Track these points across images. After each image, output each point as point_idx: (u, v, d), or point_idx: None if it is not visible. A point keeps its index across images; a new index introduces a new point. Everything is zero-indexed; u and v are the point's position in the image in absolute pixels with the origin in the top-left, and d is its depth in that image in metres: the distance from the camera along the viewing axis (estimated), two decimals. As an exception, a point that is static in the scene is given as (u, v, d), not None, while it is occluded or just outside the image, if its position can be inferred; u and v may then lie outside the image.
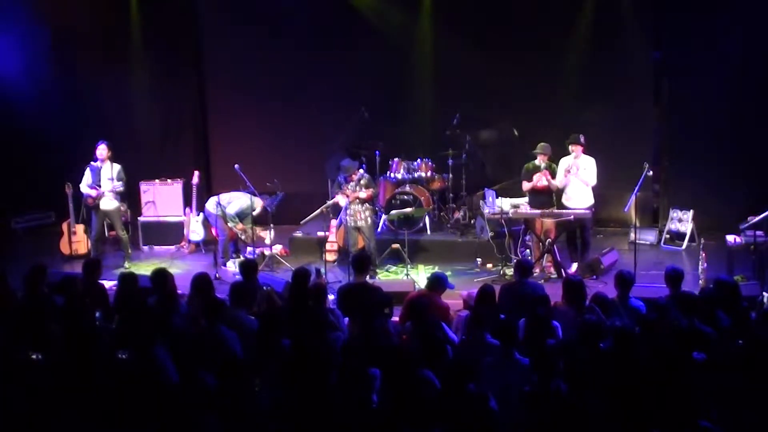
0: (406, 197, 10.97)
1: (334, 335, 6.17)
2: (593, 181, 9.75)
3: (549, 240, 9.74)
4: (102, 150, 10.29)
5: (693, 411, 4.85)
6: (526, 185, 9.99)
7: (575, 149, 9.70)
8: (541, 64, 11.63)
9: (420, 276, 9.95)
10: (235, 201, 10.42)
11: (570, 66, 11.58)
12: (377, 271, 10.04)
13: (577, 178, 9.72)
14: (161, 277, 7.20)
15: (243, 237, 10.57)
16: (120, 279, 7.38)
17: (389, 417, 4.89)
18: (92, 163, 10.36)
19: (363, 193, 9.81)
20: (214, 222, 10.57)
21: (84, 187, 10.38)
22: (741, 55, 10.96)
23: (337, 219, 10.52)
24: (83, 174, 10.37)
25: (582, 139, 9.72)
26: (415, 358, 5.33)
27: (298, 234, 11.30)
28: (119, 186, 10.35)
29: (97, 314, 6.93)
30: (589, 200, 9.83)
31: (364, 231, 9.97)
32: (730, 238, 9.51)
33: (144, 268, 9.73)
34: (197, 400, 4.92)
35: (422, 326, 6.20)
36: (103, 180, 10.32)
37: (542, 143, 9.95)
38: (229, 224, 10.45)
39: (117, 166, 10.37)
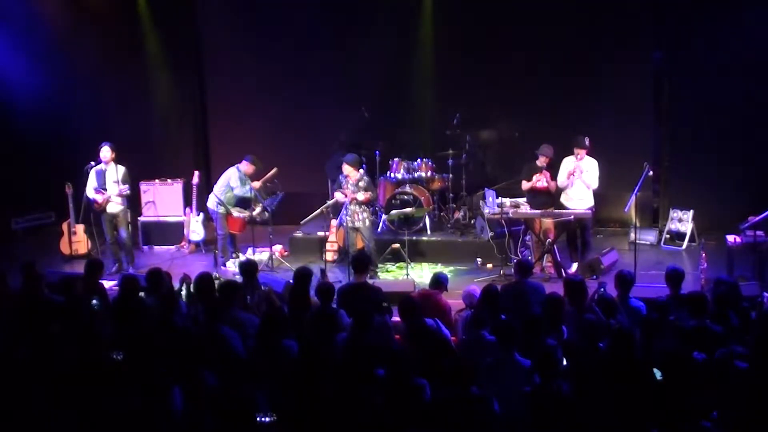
0: (406, 197, 10.97)
1: (338, 336, 6.19)
2: (595, 184, 9.75)
3: (549, 240, 9.74)
4: (106, 152, 10.09)
5: (694, 411, 4.85)
6: (525, 185, 10.00)
7: (580, 151, 9.68)
8: (541, 64, 11.63)
9: (424, 272, 10.10)
10: (227, 193, 10.43)
11: (570, 66, 11.58)
12: (377, 271, 10.07)
13: (580, 179, 9.72)
14: (156, 277, 7.21)
15: (260, 219, 10.60)
16: (121, 280, 7.37)
17: (392, 418, 4.89)
18: (96, 165, 10.16)
19: (361, 196, 9.81)
20: (215, 219, 10.60)
21: (90, 191, 10.17)
22: (741, 55, 10.95)
23: (337, 219, 10.52)
24: (87, 177, 10.17)
25: (587, 142, 9.71)
26: (409, 358, 5.32)
27: (298, 234, 11.31)
28: (126, 189, 10.20)
29: (94, 301, 6.96)
30: (589, 202, 9.83)
31: (362, 232, 9.97)
32: (730, 238, 9.51)
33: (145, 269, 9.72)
34: (198, 400, 4.93)
35: (414, 325, 6.22)
36: (108, 183, 10.14)
37: (546, 144, 9.95)
38: (235, 214, 10.48)
39: (122, 168, 10.21)
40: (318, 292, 6.88)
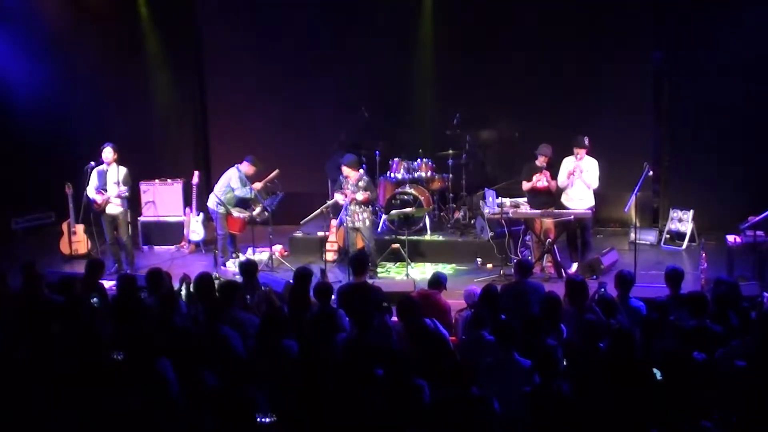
0: (406, 197, 10.97)
1: (338, 336, 6.19)
2: (595, 183, 9.75)
3: (549, 240, 9.74)
4: (108, 152, 10.02)
5: (694, 411, 4.85)
6: (525, 185, 10.00)
7: (579, 151, 9.69)
8: (541, 64, 11.63)
9: (426, 269, 10.19)
10: (227, 194, 10.43)
11: (570, 66, 11.59)
12: (377, 271, 10.07)
13: (580, 179, 9.72)
14: (156, 276, 7.20)
15: (260, 219, 10.60)
16: (119, 280, 7.37)
17: (391, 418, 4.89)
18: (98, 166, 10.10)
19: (360, 196, 9.81)
20: (215, 219, 10.60)
21: (91, 191, 10.10)
22: (741, 55, 10.95)
23: (337, 219, 10.53)
24: (87, 177, 10.12)
25: (586, 142, 9.71)
26: (409, 358, 5.32)
27: (298, 234, 11.31)
28: (125, 191, 10.13)
29: (95, 300, 6.96)
30: (589, 201, 9.83)
31: (362, 232, 9.98)
32: (730, 238, 9.51)
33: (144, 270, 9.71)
34: (198, 400, 4.92)
35: (413, 325, 6.22)
36: (108, 184, 10.08)
37: (544, 144, 9.95)
38: (235, 214, 10.48)
39: (123, 170, 10.13)
40: (316, 292, 6.88)
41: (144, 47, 12.49)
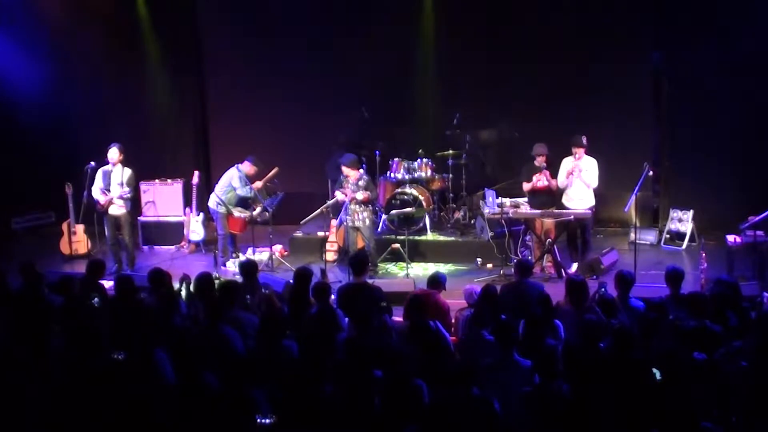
0: (406, 197, 10.96)
1: (337, 335, 6.19)
2: (595, 182, 9.76)
3: (549, 240, 9.74)
4: (113, 153, 10.01)
5: (694, 411, 4.86)
6: (526, 186, 10.00)
7: (578, 151, 9.70)
8: (541, 64, 11.63)
9: (428, 266, 10.23)
10: (228, 193, 10.43)
11: (570, 65, 11.58)
12: (377, 270, 10.07)
13: (579, 179, 9.73)
14: (159, 276, 7.20)
15: (260, 219, 10.60)
16: (117, 281, 7.37)
17: (390, 420, 4.89)
18: (101, 166, 10.09)
19: (360, 195, 9.82)
20: (216, 219, 10.60)
21: (96, 192, 10.09)
22: (741, 54, 10.94)
23: (337, 219, 10.53)
24: (86, 177, 10.14)
25: (584, 141, 9.72)
26: (409, 359, 5.32)
27: (298, 234, 11.31)
28: (127, 193, 10.09)
29: (95, 300, 6.97)
30: (589, 201, 9.84)
31: (362, 231, 9.99)
32: (730, 238, 9.51)
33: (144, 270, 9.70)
34: (199, 400, 4.92)
35: (419, 324, 6.22)
36: (112, 184, 10.07)
37: (538, 144, 9.96)
38: (236, 214, 10.48)
39: (128, 171, 10.11)
40: (314, 292, 6.88)
41: (144, 47, 12.48)
